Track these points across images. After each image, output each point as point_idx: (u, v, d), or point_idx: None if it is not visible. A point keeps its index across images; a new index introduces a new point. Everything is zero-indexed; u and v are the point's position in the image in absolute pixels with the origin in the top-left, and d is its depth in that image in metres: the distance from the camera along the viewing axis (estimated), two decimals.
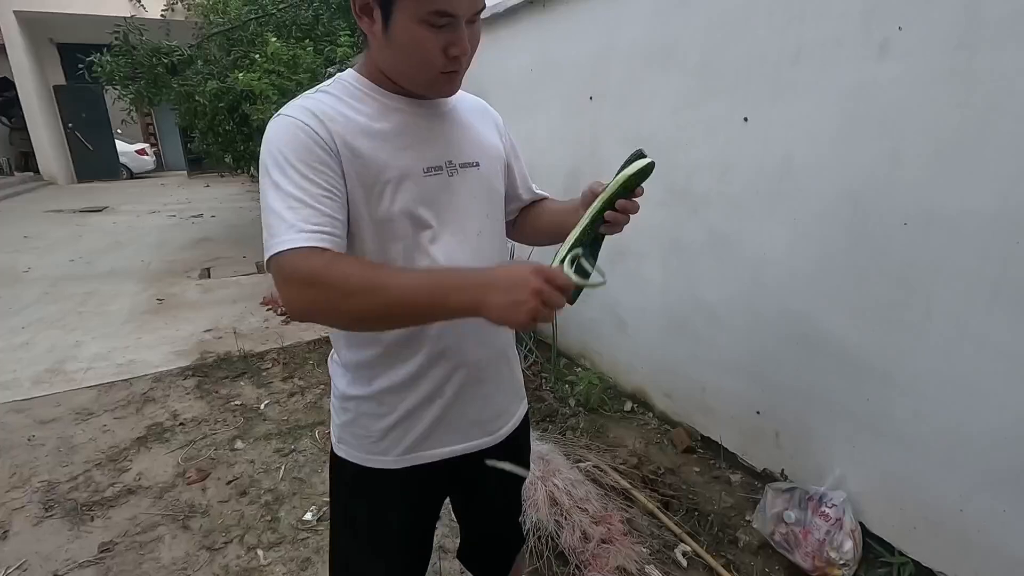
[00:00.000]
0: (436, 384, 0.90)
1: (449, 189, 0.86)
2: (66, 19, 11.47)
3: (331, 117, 0.78)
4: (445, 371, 0.90)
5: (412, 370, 0.88)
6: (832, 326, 1.70)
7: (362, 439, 0.93)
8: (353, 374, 0.92)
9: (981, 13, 1.26)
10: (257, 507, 2.05)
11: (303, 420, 2.62)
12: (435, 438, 0.93)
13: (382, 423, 0.91)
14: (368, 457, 0.93)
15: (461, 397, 0.92)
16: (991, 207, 1.30)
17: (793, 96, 1.70)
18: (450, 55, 0.77)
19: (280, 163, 0.75)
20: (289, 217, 0.72)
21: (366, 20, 0.78)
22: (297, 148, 0.75)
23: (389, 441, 0.91)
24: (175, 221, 8.01)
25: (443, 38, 0.75)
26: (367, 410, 0.91)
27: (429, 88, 0.83)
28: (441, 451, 0.94)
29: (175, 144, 15.79)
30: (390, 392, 0.89)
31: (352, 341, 0.90)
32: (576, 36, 2.54)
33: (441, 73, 0.79)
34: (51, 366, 3.28)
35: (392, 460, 0.92)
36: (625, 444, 2.34)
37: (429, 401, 0.90)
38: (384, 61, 0.81)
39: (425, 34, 0.74)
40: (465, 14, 0.74)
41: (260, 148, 0.79)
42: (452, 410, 0.92)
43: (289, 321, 3.92)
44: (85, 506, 2.07)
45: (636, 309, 2.52)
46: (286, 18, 5.02)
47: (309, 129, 0.76)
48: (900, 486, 1.59)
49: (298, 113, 0.78)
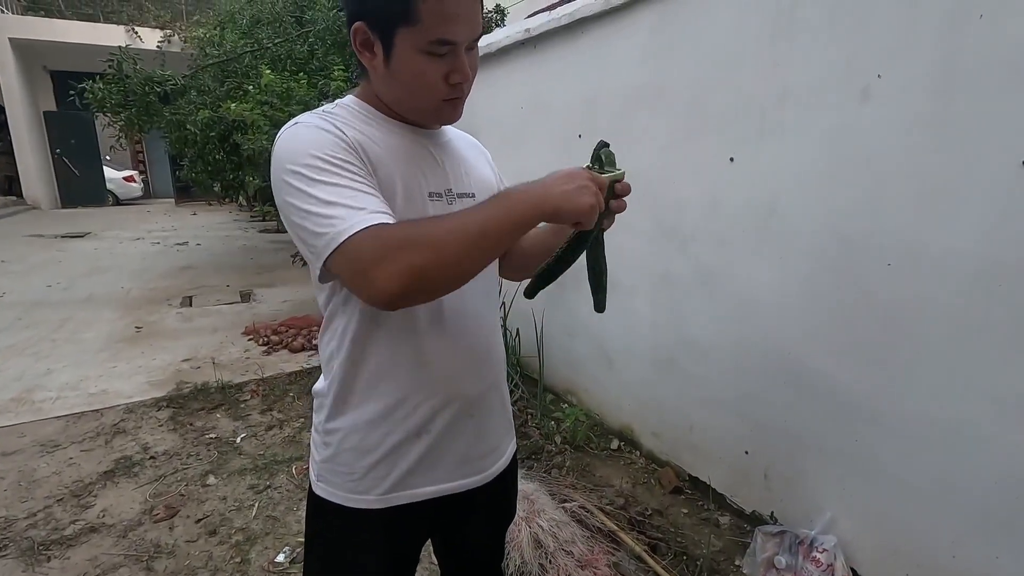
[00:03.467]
0: (425, 417, 0.86)
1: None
2: (61, 47, 11.60)
3: (345, 125, 0.77)
4: (435, 404, 0.86)
5: (401, 402, 0.85)
6: (820, 365, 1.69)
7: (343, 476, 0.88)
8: (337, 407, 0.88)
9: (957, 62, 1.31)
10: (227, 547, 1.95)
11: (280, 455, 2.53)
12: (421, 476, 0.88)
13: (365, 459, 0.86)
14: (349, 496, 0.88)
15: (450, 432, 0.89)
16: (973, 248, 1.32)
17: (778, 138, 1.73)
18: (452, 82, 0.77)
19: (316, 163, 0.71)
20: (351, 203, 0.69)
21: (367, 54, 0.78)
22: (328, 145, 0.73)
23: (372, 479, 0.87)
24: (159, 248, 7.92)
25: (444, 66, 0.76)
26: (350, 445, 0.87)
27: (433, 116, 0.84)
28: (427, 490, 0.89)
29: (164, 172, 15.79)
30: (375, 425, 0.85)
31: (343, 374, 0.86)
32: (567, 76, 2.60)
33: (444, 100, 0.80)
34: (18, 395, 3.16)
35: (375, 500, 0.87)
36: (612, 484, 2.29)
37: (416, 436, 0.87)
38: (386, 92, 0.81)
39: (427, 63, 0.75)
40: (464, 41, 0.75)
41: (248, 176, 0.78)
42: (440, 446, 0.88)
43: (271, 351, 3.84)
44: (43, 545, 1.95)
45: (623, 344, 2.50)
46: (281, 52, 5.10)
47: (331, 130, 0.75)
48: (892, 530, 1.56)
49: (316, 120, 0.76)
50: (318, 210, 0.69)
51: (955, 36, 1.30)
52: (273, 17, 5.58)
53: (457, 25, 0.73)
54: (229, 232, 9.55)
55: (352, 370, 0.85)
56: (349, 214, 0.68)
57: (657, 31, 2.10)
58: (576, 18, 2.42)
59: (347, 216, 0.67)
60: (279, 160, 0.74)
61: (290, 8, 5.58)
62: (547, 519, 1.86)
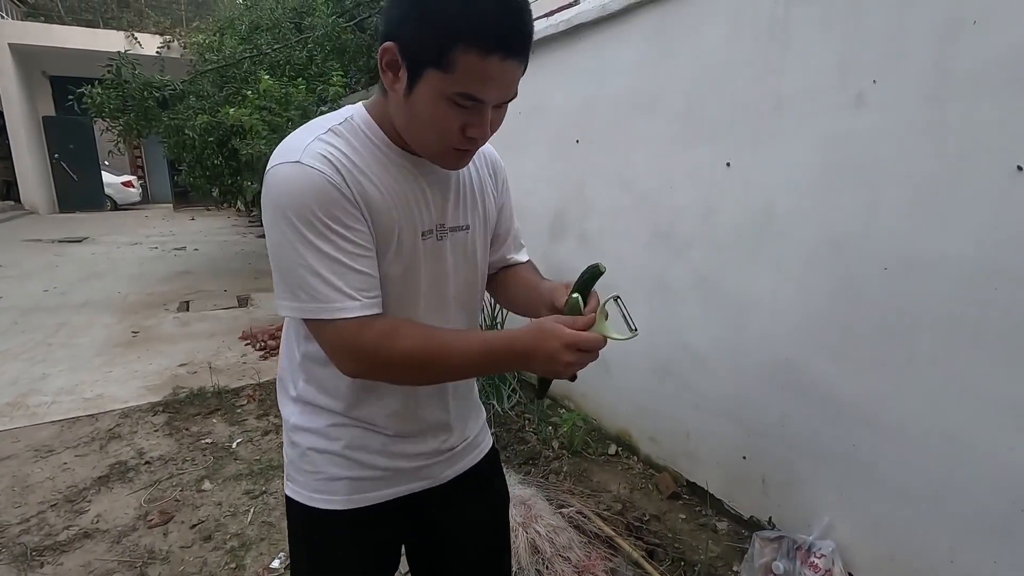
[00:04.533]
0: (395, 427, 0.87)
1: (436, 253, 0.84)
2: (61, 53, 11.63)
3: (347, 168, 0.74)
4: (400, 398, 0.86)
5: (371, 414, 0.85)
6: (816, 370, 1.69)
7: (309, 476, 0.87)
8: (304, 405, 0.88)
9: (950, 68, 1.32)
10: (221, 553, 1.94)
11: (276, 460, 2.52)
12: (384, 480, 0.88)
13: (330, 460, 0.86)
14: (315, 496, 0.87)
15: (416, 434, 0.89)
16: (968, 253, 1.32)
17: (774, 144, 1.74)
18: (468, 135, 0.73)
19: (313, 220, 0.71)
20: (337, 283, 0.72)
21: (390, 75, 0.73)
22: (326, 203, 0.71)
23: (337, 481, 0.86)
24: (156, 253, 7.91)
25: (464, 118, 0.72)
26: (314, 444, 0.87)
27: (437, 159, 0.79)
28: (391, 491, 0.89)
29: (162, 176, 15.81)
30: (341, 428, 0.86)
31: (313, 376, 0.86)
32: (564, 82, 2.61)
33: (454, 149, 0.76)
34: (12, 399, 3.14)
35: (339, 500, 0.87)
36: (609, 489, 2.28)
37: (383, 442, 0.87)
38: (399, 120, 0.77)
39: (446, 110, 0.71)
40: (493, 102, 0.72)
41: (246, 181, 0.78)
42: (406, 447, 0.88)
43: (268, 356, 3.83)
44: (36, 551, 1.94)
45: (621, 350, 2.48)
46: (280, 57, 5.12)
47: (335, 183, 0.72)
48: (890, 535, 1.56)
49: (317, 163, 0.72)
50: (303, 274, 0.72)
51: (949, 42, 1.31)
52: (272, 23, 5.61)
53: (489, 87, 0.69)
54: (227, 237, 9.55)
55: (318, 375, 0.85)
56: (335, 296, 0.72)
57: (654, 38, 2.12)
58: (573, 24, 2.44)
59: (333, 298, 0.72)
60: (275, 197, 0.73)
61: (289, 15, 5.62)
62: (544, 525, 1.85)
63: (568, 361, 0.72)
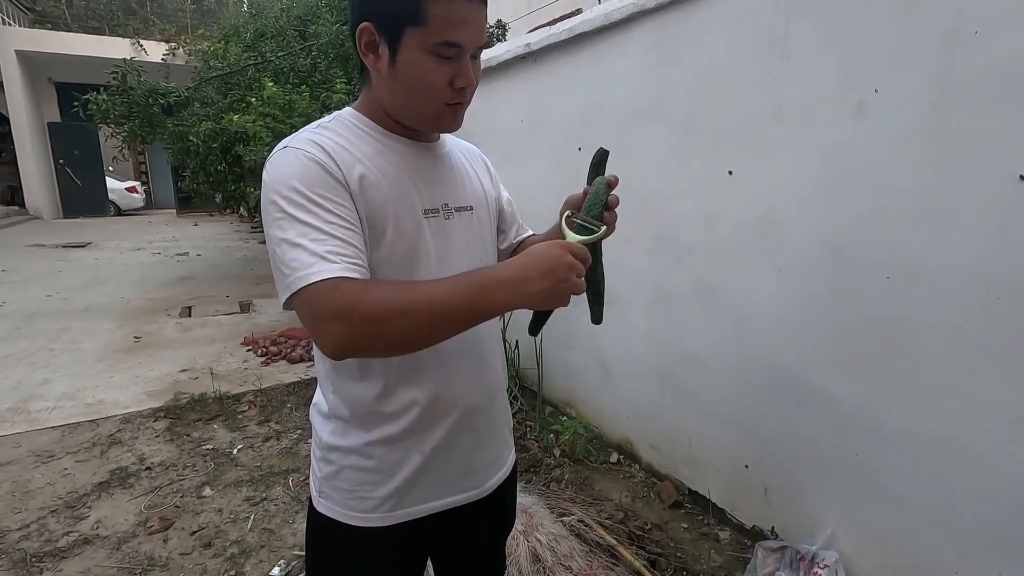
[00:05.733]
0: (428, 434, 0.86)
1: (445, 232, 0.85)
2: (66, 60, 11.72)
3: (337, 152, 0.76)
4: (437, 419, 0.86)
5: (404, 421, 0.84)
6: (818, 378, 1.69)
7: (345, 494, 0.87)
8: (338, 423, 0.87)
9: (952, 77, 1.32)
10: (221, 560, 1.93)
11: (277, 466, 2.52)
12: (422, 492, 0.88)
13: (368, 477, 0.86)
14: (350, 514, 0.87)
15: (452, 447, 0.88)
16: (971, 262, 1.32)
17: (776, 152, 1.75)
18: (456, 87, 0.77)
19: (294, 196, 0.72)
20: (314, 247, 0.69)
21: (371, 56, 0.78)
22: (311, 178, 0.73)
23: (374, 497, 0.86)
24: (159, 258, 7.93)
25: (449, 69, 0.76)
26: (352, 463, 0.86)
27: (434, 122, 0.82)
28: (429, 506, 0.89)
29: (166, 182, 15.88)
30: (379, 444, 0.85)
31: (343, 389, 0.85)
32: (566, 90, 2.62)
33: (446, 105, 0.79)
34: (14, 404, 3.14)
35: (377, 517, 0.87)
36: (611, 497, 2.27)
37: (419, 452, 0.86)
38: (389, 97, 0.80)
39: (432, 65, 0.75)
40: (471, 47, 0.76)
41: (249, 187, 0.78)
42: (441, 461, 0.88)
43: (269, 362, 3.83)
44: (35, 557, 1.93)
45: (621, 357, 2.50)
46: (284, 65, 5.15)
47: (321, 160, 0.74)
48: (893, 546, 1.54)
49: (306, 146, 0.76)
50: (285, 249, 0.70)
51: (950, 52, 1.32)
52: (277, 31, 5.65)
53: (465, 29, 0.74)
54: (229, 243, 9.58)
55: (350, 387, 0.85)
56: (311, 260, 0.68)
57: (655, 46, 2.13)
58: (576, 33, 2.45)
59: (308, 265, 0.68)
60: (266, 183, 0.75)
61: (294, 22, 5.65)
62: (545, 533, 1.84)
63: (561, 277, 0.68)
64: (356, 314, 0.66)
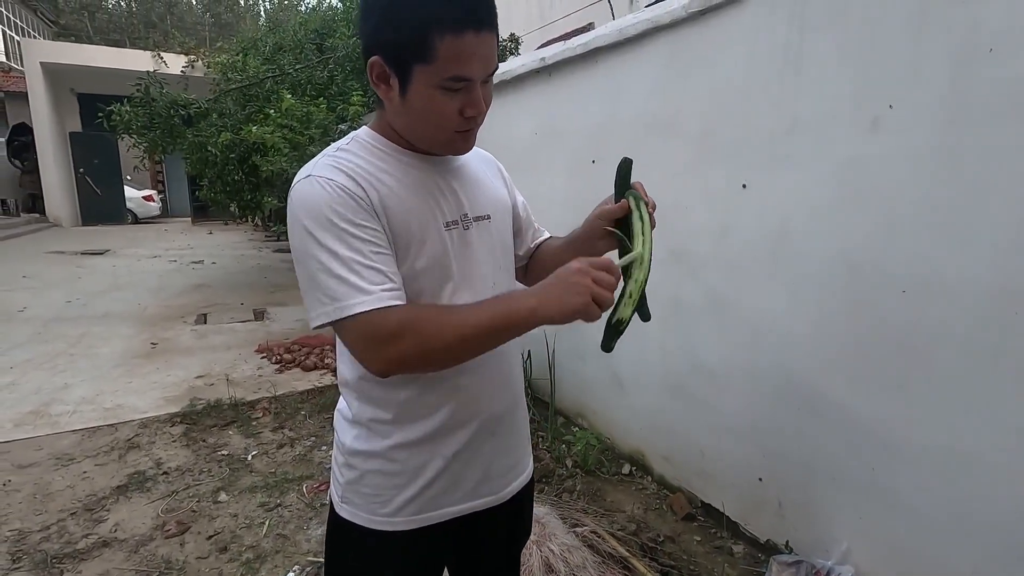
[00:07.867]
0: (450, 439, 0.88)
1: (466, 243, 0.87)
2: (89, 71, 12.00)
3: (360, 176, 0.79)
4: (460, 425, 0.88)
5: (428, 426, 0.86)
6: (833, 392, 1.69)
7: (368, 499, 0.89)
8: (362, 429, 0.89)
9: (967, 94, 1.33)
10: (237, 565, 1.95)
11: (291, 473, 2.54)
12: (445, 497, 0.90)
13: (390, 481, 0.88)
14: (373, 518, 0.89)
15: (473, 452, 0.90)
16: (988, 278, 1.32)
17: (790, 166, 1.76)
18: (466, 115, 0.79)
19: (327, 225, 0.75)
20: (353, 280, 0.73)
21: (383, 87, 0.79)
22: (341, 208, 0.76)
23: (396, 501, 0.88)
24: (175, 266, 8.05)
25: (459, 100, 0.77)
26: (375, 467, 0.88)
27: (446, 147, 0.86)
28: (450, 510, 0.91)
29: (182, 191, 16.14)
30: (402, 448, 0.87)
31: (369, 396, 0.87)
32: (580, 103, 2.66)
33: (457, 132, 0.81)
34: (35, 408, 3.21)
35: (400, 522, 0.88)
36: (623, 509, 2.27)
37: (441, 456, 0.88)
38: (400, 124, 0.83)
39: (442, 98, 0.76)
40: (480, 77, 0.77)
41: (265, 197, 0.81)
42: (463, 466, 0.90)
43: (283, 369, 3.87)
44: (56, 558, 1.97)
45: (634, 368, 2.50)
46: (302, 77, 5.26)
47: (348, 189, 0.77)
48: (909, 561, 1.53)
49: (331, 174, 0.78)
50: (324, 278, 0.75)
51: (965, 69, 1.33)
52: (295, 44, 5.77)
53: (473, 63, 0.74)
54: (244, 251, 9.70)
55: (375, 394, 0.87)
56: (352, 292, 0.73)
57: (670, 61, 2.16)
58: (591, 48, 2.49)
59: (351, 295, 0.73)
60: (295, 213, 0.78)
61: (311, 36, 5.77)
62: (558, 543, 1.84)
63: (580, 268, 0.72)
64: (410, 332, 0.73)
